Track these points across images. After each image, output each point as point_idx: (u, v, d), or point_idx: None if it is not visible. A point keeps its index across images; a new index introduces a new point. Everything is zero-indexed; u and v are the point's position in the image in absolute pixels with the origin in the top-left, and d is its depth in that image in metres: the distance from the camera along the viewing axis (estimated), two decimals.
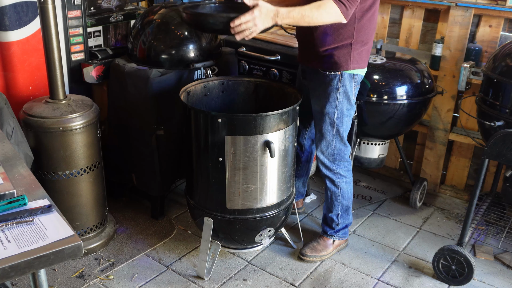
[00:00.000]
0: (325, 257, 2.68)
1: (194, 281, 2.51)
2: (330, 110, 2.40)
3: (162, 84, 2.68)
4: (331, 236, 2.70)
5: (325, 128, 2.45)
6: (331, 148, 2.49)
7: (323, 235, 2.72)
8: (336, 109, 2.39)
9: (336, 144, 2.48)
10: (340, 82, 2.34)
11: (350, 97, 2.40)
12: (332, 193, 2.60)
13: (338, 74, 2.32)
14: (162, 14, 2.78)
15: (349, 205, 2.65)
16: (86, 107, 2.51)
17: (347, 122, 2.46)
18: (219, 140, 2.26)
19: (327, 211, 2.67)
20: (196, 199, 2.50)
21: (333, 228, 2.69)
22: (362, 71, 2.40)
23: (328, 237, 2.70)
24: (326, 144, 2.48)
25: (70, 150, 2.45)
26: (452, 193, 3.35)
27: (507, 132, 2.24)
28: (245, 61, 3.12)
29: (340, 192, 2.59)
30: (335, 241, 2.71)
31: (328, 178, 2.57)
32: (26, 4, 2.58)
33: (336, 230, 2.69)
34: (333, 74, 2.33)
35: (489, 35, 2.97)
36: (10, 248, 1.18)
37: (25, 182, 1.48)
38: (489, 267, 2.66)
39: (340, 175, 2.56)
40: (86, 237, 2.66)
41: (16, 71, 2.64)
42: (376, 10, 2.33)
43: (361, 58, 2.34)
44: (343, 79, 2.33)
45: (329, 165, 2.53)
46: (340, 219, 2.65)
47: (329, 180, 2.57)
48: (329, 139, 2.47)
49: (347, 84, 2.35)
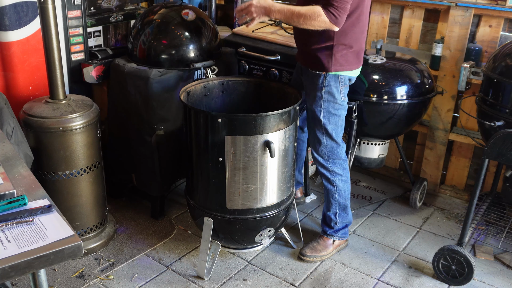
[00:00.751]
0: (325, 257, 2.69)
1: (194, 281, 2.51)
2: (316, 108, 2.45)
3: (162, 84, 2.68)
4: (331, 236, 2.70)
5: (314, 126, 2.51)
6: (322, 146, 2.52)
7: (323, 235, 2.72)
8: (321, 107, 2.44)
9: (327, 142, 2.51)
10: (325, 82, 2.39)
11: (336, 97, 2.43)
12: (328, 191, 2.62)
13: (323, 74, 2.38)
14: (162, 14, 2.78)
15: (346, 204, 2.65)
16: (86, 107, 2.51)
17: (336, 121, 2.48)
18: (219, 140, 2.26)
19: (326, 210, 2.69)
20: (196, 199, 2.50)
21: (332, 228, 2.69)
22: (348, 73, 2.42)
23: (328, 237, 2.71)
24: (318, 143, 2.53)
25: (70, 150, 2.45)
26: (452, 193, 3.35)
27: (507, 132, 2.24)
28: (245, 61, 3.12)
29: (336, 190, 2.60)
30: (335, 241, 2.72)
31: (324, 176, 2.60)
32: (26, 4, 2.58)
33: (336, 230, 2.69)
34: (318, 74, 2.40)
35: (489, 35, 2.97)
36: (10, 248, 1.18)
37: (25, 182, 1.48)
38: (489, 267, 2.66)
39: (336, 173, 2.57)
40: (86, 237, 2.66)
41: (16, 71, 2.64)
42: (362, 14, 2.35)
43: (346, 61, 2.37)
44: (328, 79, 2.39)
45: (323, 163, 2.56)
46: (339, 217, 2.66)
47: (325, 178, 2.60)
48: (319, 137, 2.51)
49: (332, 84, 2.40)
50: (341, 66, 2.37)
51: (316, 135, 2.51)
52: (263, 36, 3.09)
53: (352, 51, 2.37)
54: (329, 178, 2.59)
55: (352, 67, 2.41)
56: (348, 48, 2.35)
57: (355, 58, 2.41)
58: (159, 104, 2.69)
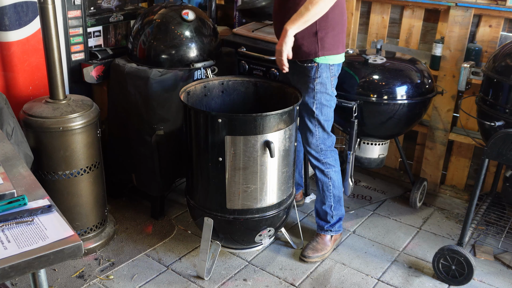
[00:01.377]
0: (326, 255, 2.70)
1: (194, 281, 2.51)
2: (309, 100, 2.46)
3: (162, 84, 2.68)
4: (328, 232, 2.72)
5: (307, 119, 2.51)
6: (315, 138, 2.54)
7: (320, 232, 2.74)
8: (314, 99, 2.46)
9: (320, 134, 2.53)
10: (317, 73, 2.41)
11: (328, 87, 2.46)
12: (323, 183, 2.63)
13: (315, 65, 2.40)
14: (162, 14, 2.78)
15: (340, 196, 2.68)
16: (86, 107, 2.51)
17: (328, 113, 2.51)
18: (219, 140, 2.26)
19: (320, 205, 2.70)
20: (196, 199, 2.50)
21: (328, 222, 2.70)
22: (336, 58, 2.44)
23: (325, 233, 2.73)
24: (310, 135, 2.54)
25: (70, 150, 2.45)
26: (452, 193, 3.35)
27: (507, 132, 2.24)
28: (245, 61, 3.12)
29: (331, 181, 2.62)
30: (332, 236, 2.74)
31: (318, 168, 2.61)
32: (26, 4, 2.58)
33: (332, 224, 2.71)
34: (310, 66, 2.41)
35: (489, 35, 2.97)
36: (10, 248, 1.18)
37: (25, 182, 1.48)
38: (489, 267, 2.66)
39: (329, 165, 2.59)
40: (86, 237, 2.66)
41: (16, 71, 2.64)
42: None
43: (332, 44, 2.39)
44: (320, 70, 2.41)
45: (316, 156, 2.58)
46: (334, 210, 2.67)
47: (319, 170, 2.61)
48: (312, 129, 2.52)
49: (324, 75, 2.42)
50: (328, 50, 2.39)
51: (308, 127, 2.53)
52: (263, 36, 3.09)
53: (334, 33, 2.39)
54: (323, 170, 2.60)
55: (339, 50, 2.44)
56: (331, 31, 2.37)
57: (339, 42, 2.43)
58: (159, 104, 2.69)
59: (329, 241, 2.72)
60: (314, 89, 2.44)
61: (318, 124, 2.51)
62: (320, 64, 2.40)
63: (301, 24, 2.25)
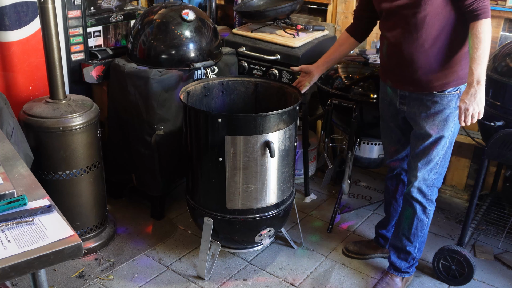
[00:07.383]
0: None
1: (194, 281, 2.51)
2: (447, 132, 2.18)
3: (162, 84, 2.68)
4: (405, 274, 2.44)
5: (436, 153, 2.21)
6: (433, 173, 2.25)
7: (394, 272, 2.44)
8: (451, 130, 2.19)
9: (440, 169, 2.27)
10: (458, 101, 2.09)
11: None
12: (419, 222, 2.32)
13: (457, 93, 2.11)
14: (162, 14, 2.78)
15: (426, 236, 2.42)
16: (86, 107, 2.51)
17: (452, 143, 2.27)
18: (219, 140, 2.26)
19: (404, 243, 2.38)
20: (196, 199, 2.50)
21: (408, 263, 2.43)
22: None
23: (400, 275, 2.44)
24: (430, 169, 2.24)
25: (70, 150, 2.45)
26: (452, 193, 3.35)
27: (507, 132, 2.24)
28: (245, 61, 3.12)
29: (427, 221, 2.34)
30: (404, 278, 2.46)
31: (421, 204, 2.29)
32: (26, 4, 2.58)
33: (410, 265, 2.44)
34: (453, 94, 2.11)
35: None
36: (10, 248, 1.18)
37: (25, 182, 1.48)
38: (489, 267, 2.66)
39: (432, 203, 2.32)
40: (86, 237, 2.66)
41: (16, 71, 2.64)
42: None
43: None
44: (459, 95, 2.11)
45: (425, 191, 2.27)
46: (418, 252, 2.41)
47: (421, 207, 2.30)
48: (437, 163, 2.24)
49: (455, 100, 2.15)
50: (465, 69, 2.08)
51: (434, 161, 2.23)
52: (263, 36, 3.09)
53: None
54: (426, 208, 2.30)
55: None
56: None
57: None
58: (159, 104, 2.69)
59: (400, 282, 2.44)
60: (454, 119, 2.16)
61: (444, 158, 2.26)
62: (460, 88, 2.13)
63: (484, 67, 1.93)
